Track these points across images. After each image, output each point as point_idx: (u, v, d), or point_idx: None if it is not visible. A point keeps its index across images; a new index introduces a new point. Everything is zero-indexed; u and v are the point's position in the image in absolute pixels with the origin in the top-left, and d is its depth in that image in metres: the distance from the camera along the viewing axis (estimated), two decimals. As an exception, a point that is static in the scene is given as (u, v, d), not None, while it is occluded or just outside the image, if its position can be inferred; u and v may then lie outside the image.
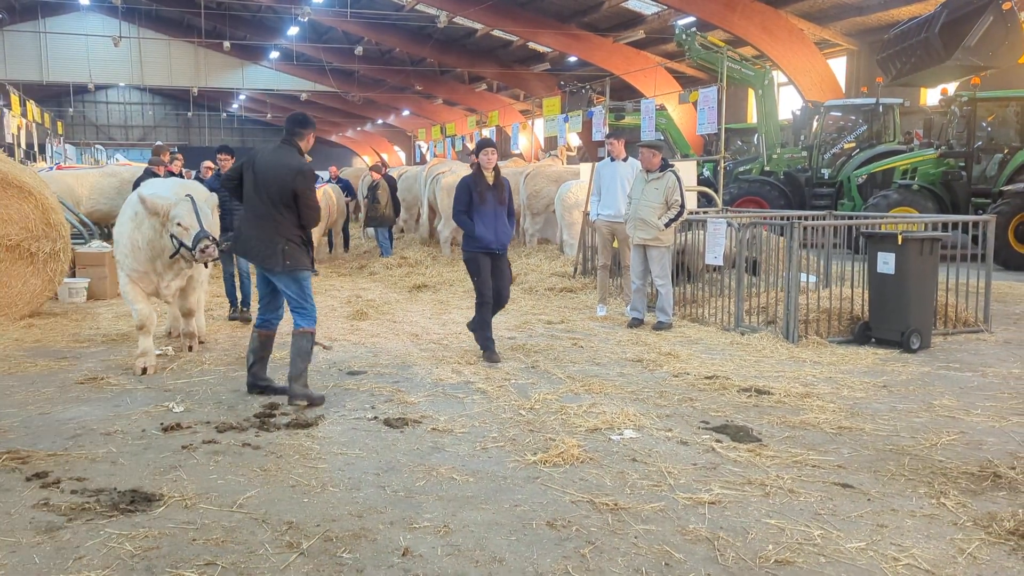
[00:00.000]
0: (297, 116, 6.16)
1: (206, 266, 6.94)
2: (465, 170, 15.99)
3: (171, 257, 6.68)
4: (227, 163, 9.13)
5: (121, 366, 7.09)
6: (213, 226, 6.86)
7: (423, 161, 41.47)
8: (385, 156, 51.86)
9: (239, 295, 9.42)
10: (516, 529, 3.85)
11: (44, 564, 3.50)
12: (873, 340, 7.92)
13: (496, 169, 7.57)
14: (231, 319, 9.34)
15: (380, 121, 53.96)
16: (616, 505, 4.09)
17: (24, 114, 26.61)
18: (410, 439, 5.15)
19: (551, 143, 30.00)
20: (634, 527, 3.86)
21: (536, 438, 5.14)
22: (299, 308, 5.96)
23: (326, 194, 11.57)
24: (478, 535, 3.79)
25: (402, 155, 55.59)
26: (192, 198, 6.56)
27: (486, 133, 33.19)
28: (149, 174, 12.27)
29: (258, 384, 6.19)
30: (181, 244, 6.50)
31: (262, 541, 3.71)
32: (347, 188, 17.47)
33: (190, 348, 7.61)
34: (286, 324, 6.20)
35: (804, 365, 7.12)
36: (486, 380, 6.58)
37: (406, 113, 49.12)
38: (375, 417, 5.57)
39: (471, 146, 33.72)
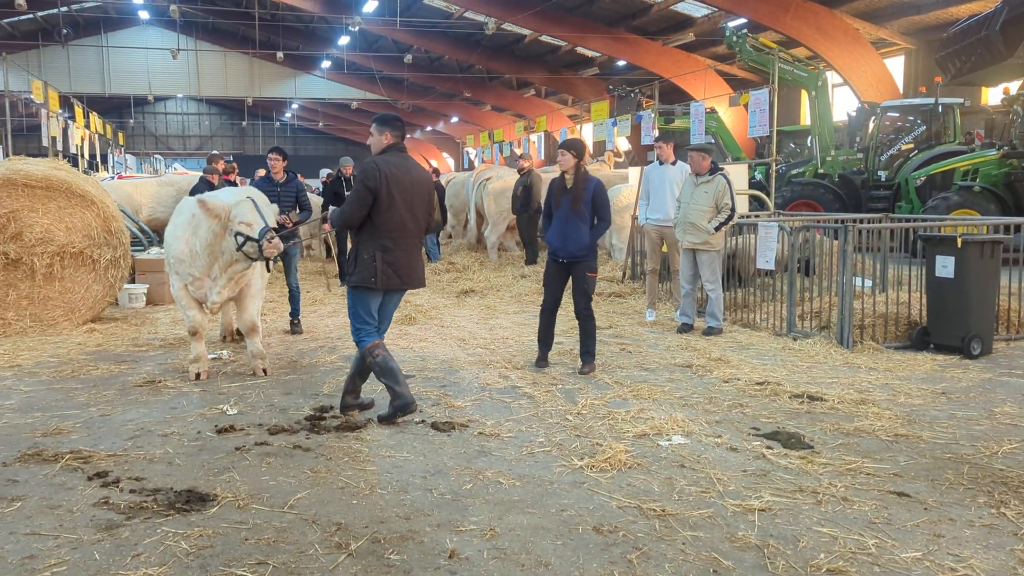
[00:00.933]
0: (396, 119, 5.84)
1: (268, 269, 6.89)
2: (512, 176, 16.09)
3: (238, 250, 6.46)
4: (277, 164, 9.09)
5: (178, 369, 7.26)
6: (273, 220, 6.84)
7: (471, 167, 41.69)
8: (434, 163, 52.29)
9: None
10: (562, 534, 3.84)
11: (104, 561, 3.60)
12: (932, 346, 7.72)
13: (579, 173, 7.04)
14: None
15: (429, 128, 54.45)
16: (664, 511, 4.05)
17: (87, 126, 27.47)
18: (457, 443, 5.18)
19: (599, 148, 29.90)
20: (682, 533, 3.83)
21: (583, 443, 5.13)
22: (387, 324, 6.03)
23: None
24: (524, 539, 3.79)
25: (451, 161, 55.98)
26: (252, 198, 6.57)
27: (533, 138, 33.24)
28: (204, 183, 12.57)
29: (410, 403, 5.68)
30: (247, 238, 6.38)
31: (312, 542, 3.77)
32: None
33: (264, 371, 7.05)
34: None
35: (859, 371, 6.97)
36: (533, 385, 6.58)
37: (454, 120, 49.45)
38: (423, 421, 5.61)
39: (519, 151, 33.83)
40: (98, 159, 30.80)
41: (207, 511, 4.11)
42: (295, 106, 55.02)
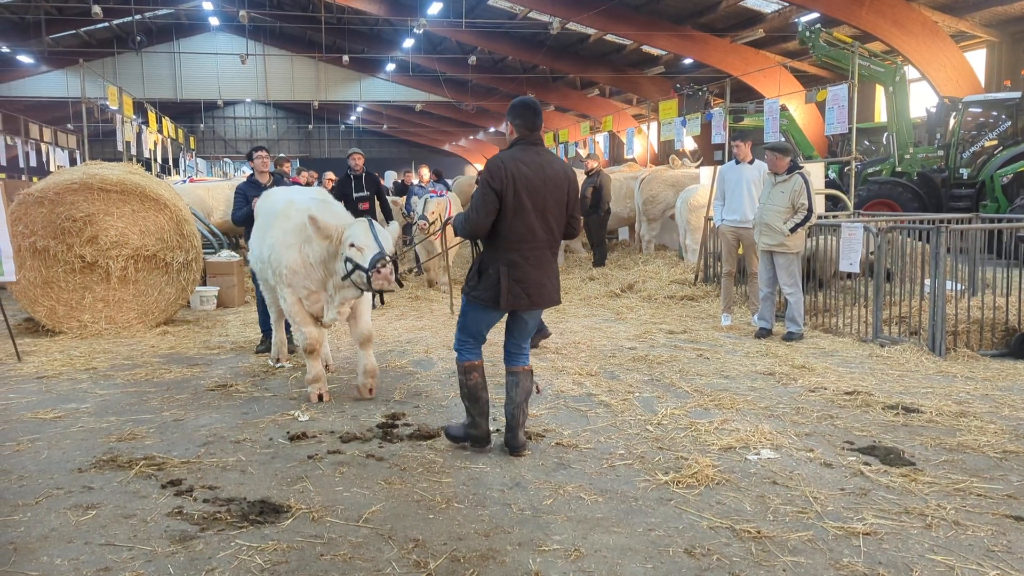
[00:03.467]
0: (525, 105, 4.92)
1: (381, 301, 6.11)
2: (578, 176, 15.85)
3: (344, 278, 5.84)
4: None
5: (249, 373, 7.24)
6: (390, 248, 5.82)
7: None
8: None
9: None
10: (652, 556, 3.62)
11: (178, 574, 3.51)
12: (1033, 354, 7.25)
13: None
14: (259, 351, 8.11)
15: (492, 129, 54.44)
16: (759, 533, 3.79)
17: (160, 130, 28.15)
18: (534, 454, 4.99)
19: (667, 147, 29.47)
20: (781, 558, 3.56)
21: (666, 456, 4.89)
22: (528, 341, 5.21)
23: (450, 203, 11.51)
24: (611, 561, 3.58)
25: (514, 162, 55.86)
26: (370, 220, 5.86)
27: (600, 139, 32.93)
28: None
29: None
30: (356, 266, 5.67)
31: (389, 559, 3.62)
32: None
33: (370, 391, 6.36)
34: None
35: (955, 380, 6.56)
36: (609, 393, 6.36)
37: (518, 121, 49.30)
38: (497, 430, 5.42)
39: (583, 152, 33.56)
40: (170, 163, 31.57)
41: (281, 523, 4.00)
42: (360, 109, 55.63)
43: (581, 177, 14.93)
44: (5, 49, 33.82)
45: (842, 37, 18.18)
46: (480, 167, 46.54)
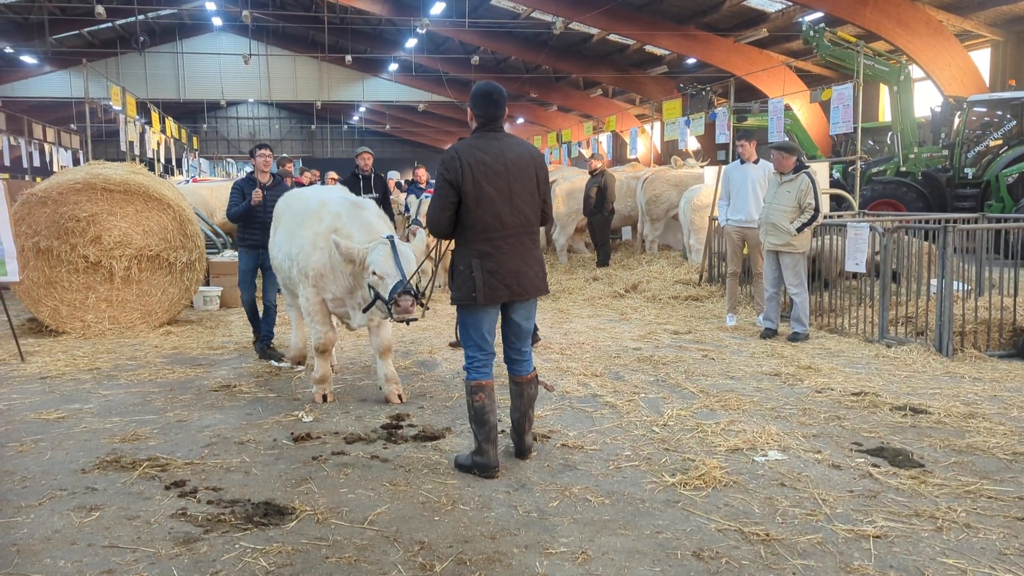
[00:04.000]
0: (485, 93, 4.70)
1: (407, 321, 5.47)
2: (579, 177, 15.78)
3: (365, 310, 5.76)
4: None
5: (252, 373, 7.21)
6: (414, 270, 5.55)
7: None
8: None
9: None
10: (660, 559, 3.58)
11: (182, 577, 3.49)
12: (1040, 354, 7.21)
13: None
14: (264, 357, 7.79)
15: (495, 129, 54.33)
16: (768, 536, 3.76)
17: (163, 130, 28.14)
18: (539, 455, 4.95)
19: (671, 147, 29.41)
20: (791, 562, 3.53)
21: (673, 458, 4.85)
22: (527, 344, 4.90)
23: None
24: (619, 564, 3.55)
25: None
26: (393, 240, 5.55)
27: (603, 139, 32.89)
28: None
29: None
30: (377, 295, 5.52)
31: (394, 562, 3.59)
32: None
33: (400, 398, 6.18)
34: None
35: (963, 381, 6.52)
36: (614, 394, 6.32)
37: (520, 121, 49.31)
38: (502, 431, 5.38)
39: (586, 152, 33.49)
40: (173, 163, 31.55)
41: (286, 525, 3.98)
42: (363, 109, 55.64)
43: (585, 177, 14.90)
44: (9, 49, 33.86)
45: (846, 36, 18.13)
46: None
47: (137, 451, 5.08)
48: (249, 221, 7.86)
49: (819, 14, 21.96)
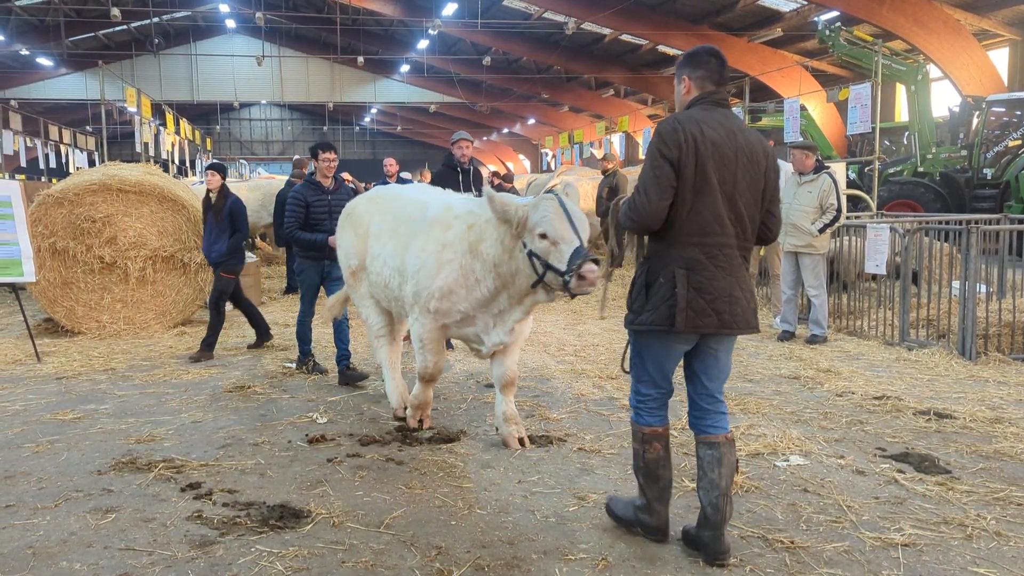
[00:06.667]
0: (706, 53, 3.67)
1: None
2: (589, 177, 15.68)
3: (534, 284, 4.56)
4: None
5: (266, 374, 7.18)
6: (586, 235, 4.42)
7: (549, 169, 41.42)
8: (511, 165, 52.11)
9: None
10: (683, 566, 3.51)
11: (198, 581, 3.44)
12: (1065, 358, 7.09)
13: (222, 191, 8.11)
14: (309, 369, 7.19)
15: (506, 130, 54.38)
16: (793, 543, 3.68)
17: (177, 132, 28.23)
18: (556, 459, 4.89)
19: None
20: (816, 570, 3.45)
21: (692, 462, 4.74)
22: (721, 393, 3.73)
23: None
24: (640, 570, 3.48)
25: (527, 163, 55.79)
26: (559, 197, 4.40)
27: (615, 139, 32.79)
28: (291, 186, 12.62)
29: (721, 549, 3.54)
30: (547, 266, 4.36)
31: (412, 567, 3.53)
32: None
33: (522, 443, 5.08)
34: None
35: (987, 385, 6.42)
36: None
37: (531, 121, 49.27)
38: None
39: (598, 153, 33.42)
40: (187, 164, 31.66)
41: (301, 528, 3.93)
42: (374, 110, 55.71)
43: (598, 177, 14.82)
44: (25, 51, 34.06)
45: (863, 35, 17.99)
46: (494, 167, 46.40)
47: (152, 452, 5.05)
48: (314, 231, 6.96)
49: (835, 13, 21.81)
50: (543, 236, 4.31)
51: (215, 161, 8.76)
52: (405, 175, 20.43)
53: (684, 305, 3.40)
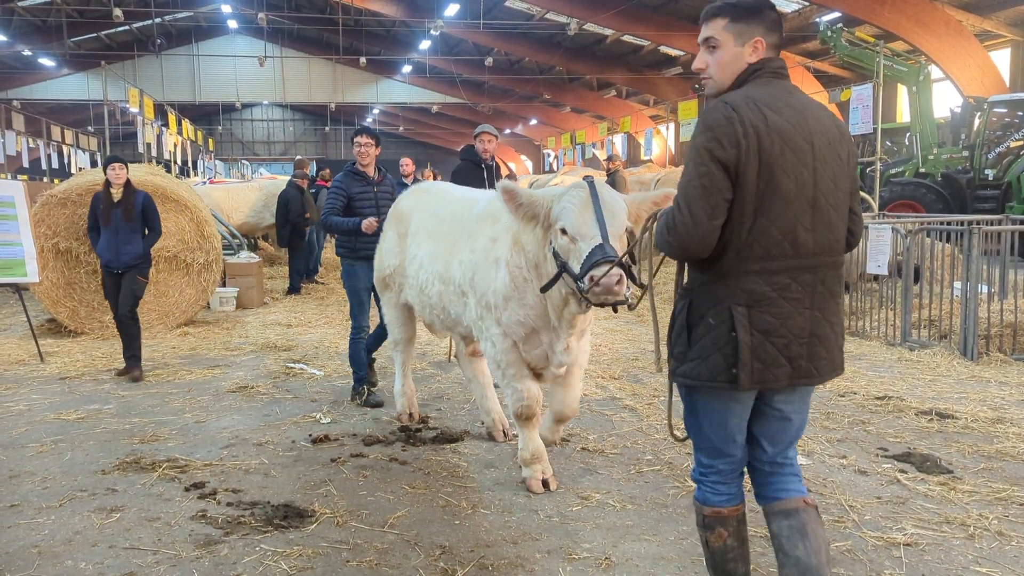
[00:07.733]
0: (762, 4, 2.69)
1: (614, 307, 3.70)
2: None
3: (542, 290, 3.94)
4: (370, 149, 6.17)
5: (269, 374, 7.19)
6: (620, 236, 3.66)
7: (551, 170, 41.46)
8: (513, 166, 52.11)
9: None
10: (685, 566, 3.53)
11: (203, 580, 3.46)
12: (1067, 358, 7.09)
13: (128, 187, 7.24)
14: (363, 400, 6.15)
15: (508, 131, 54.44)
16: (795, 542, 3.68)
17: (180, 132, 28.27)
18: (559, 459, 4.90)
19: (685, 148, 29.25)
20: (819, 569, 3.46)
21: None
22: (794, 451, 2.87)
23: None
24: (644, 570, 3.49)
25: (529, 164, 55.84)
26: (592, 183, 3.71)
27: (617, 140, 32.80)
28: (293, 186, 12.65)
29: None
30: (563, 267, 3.70)
31: (416, 567, 3.55)
32: None
33: (546, 485, 4.39)
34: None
35: (989, 385, 6.43)
36: (633, 397, 6.27)
37: (533, 122, 49.31)
38: (522, 434, 5.35)
39: (600, 154, 33.44)
40: (189, 165, 31.69)
41: (306, 528, 3.94)
42: (376, 111, 55.76)
43: (601, 178, 14.84)
44: (27, 52, 34.11)
45: (864, 36, 17.99)
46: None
47: (156, 452, 5.07)
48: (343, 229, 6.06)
49: (836, 14, 21.81)
50: (563, 231, 3.66)
51: (116, 154, 7.90)
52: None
53: (748, 355, 2.56)
